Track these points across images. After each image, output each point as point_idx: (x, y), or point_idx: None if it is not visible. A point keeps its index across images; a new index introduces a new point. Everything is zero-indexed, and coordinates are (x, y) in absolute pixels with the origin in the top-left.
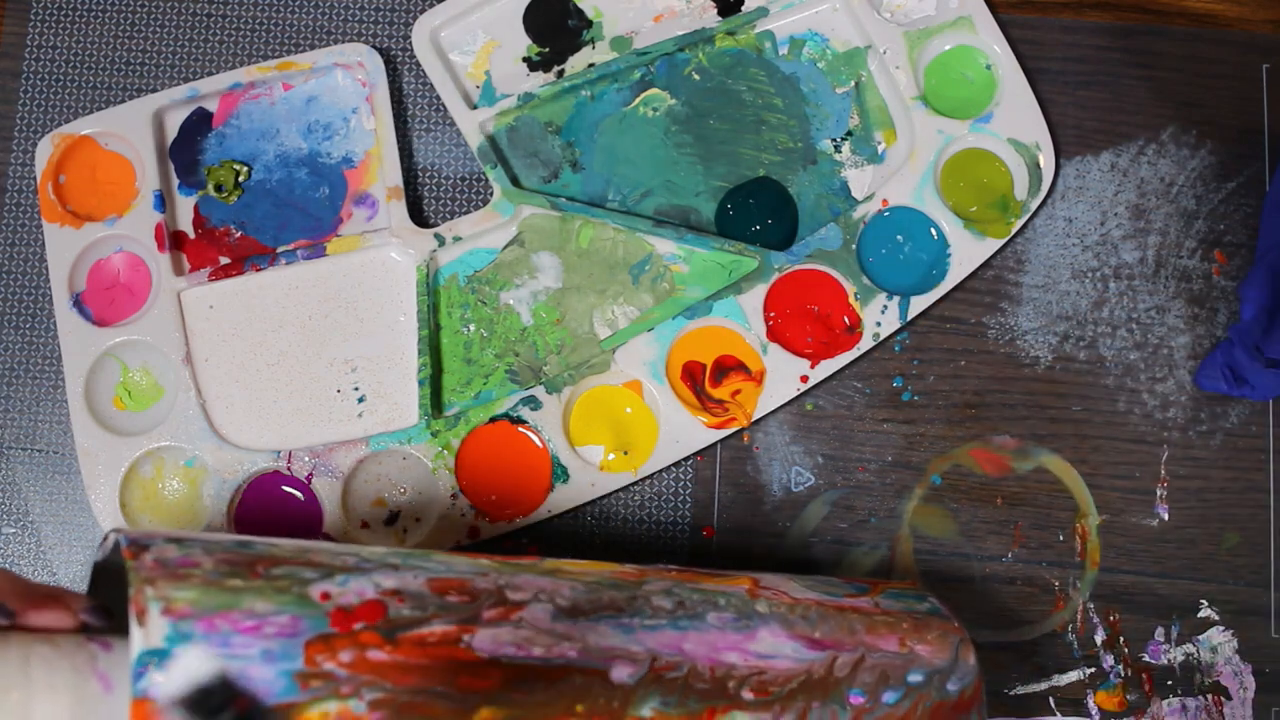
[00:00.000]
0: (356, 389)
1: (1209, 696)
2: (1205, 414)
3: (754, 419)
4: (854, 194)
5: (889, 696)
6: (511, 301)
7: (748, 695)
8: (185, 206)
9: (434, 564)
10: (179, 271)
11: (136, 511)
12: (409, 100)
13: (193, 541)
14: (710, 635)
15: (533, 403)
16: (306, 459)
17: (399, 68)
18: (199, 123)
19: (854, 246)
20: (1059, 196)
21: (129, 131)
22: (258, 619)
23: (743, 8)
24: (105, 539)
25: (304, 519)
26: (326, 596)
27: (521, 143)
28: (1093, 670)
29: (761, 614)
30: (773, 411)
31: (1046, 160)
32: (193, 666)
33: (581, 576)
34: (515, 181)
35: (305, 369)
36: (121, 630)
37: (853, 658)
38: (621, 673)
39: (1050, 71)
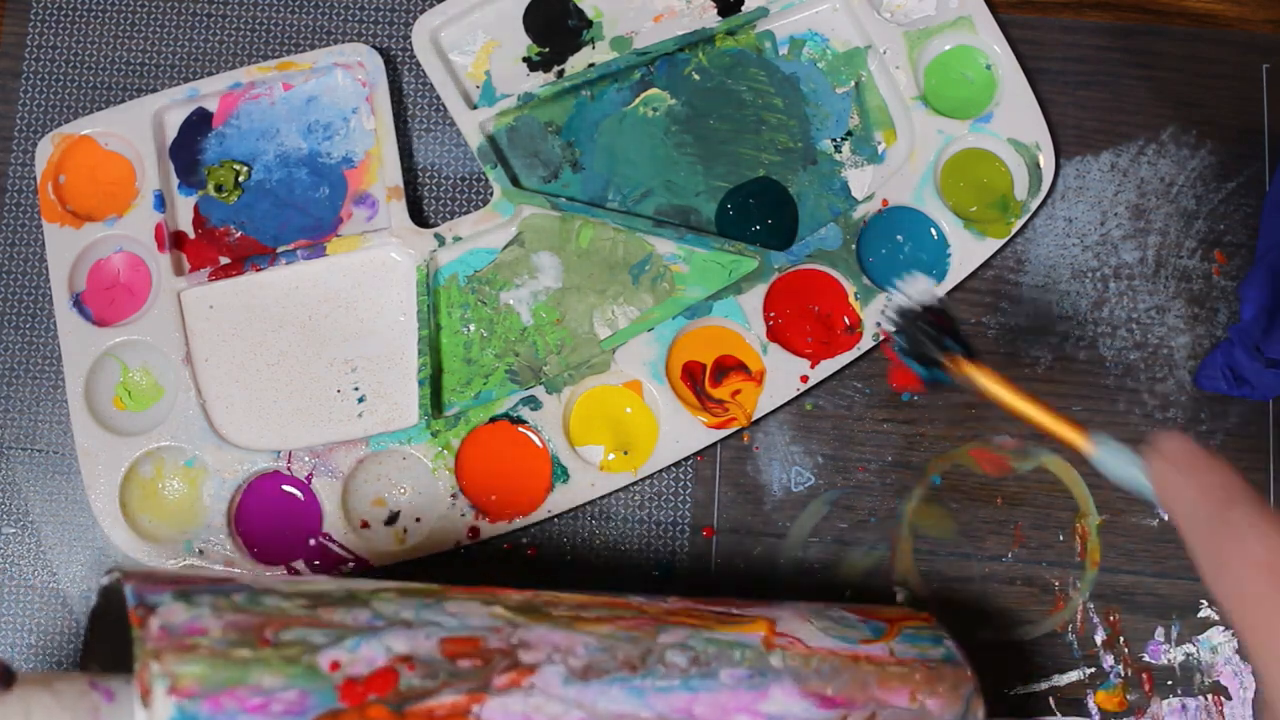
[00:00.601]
0: (356, 389)
1: (1209, 696)
2: (1205, 414)
3: (754, 419)
4: (854, 194)
5: None
6: (511, 301)
7: None
8: (185, 206)
9: (448, 617)
10: (179, 271)
11: (136, 511)
12: (409, 100)
13: (200, 594)
14: (722, 696)
15: (533, 403)
16: (306, 459)
17: (399, 68)
18: (199, 123)
19: (854, 246)
20: (1059, 196)
21: (129, 131)
22: (265, 695)
23: (743, 8)
24: (110, 571)
25: (304, 519)
26: (336, 666)
27: (521, 143)
28: (1093, 670)
29: (775, 669)
30: (773, 411)
31: (1046, 160)
32: None
33: (597, 627)
34: (515, 181)
35: (305, 369)
36: (126, 669)
37: (863, 715)
38: None
39: (1050, 71)
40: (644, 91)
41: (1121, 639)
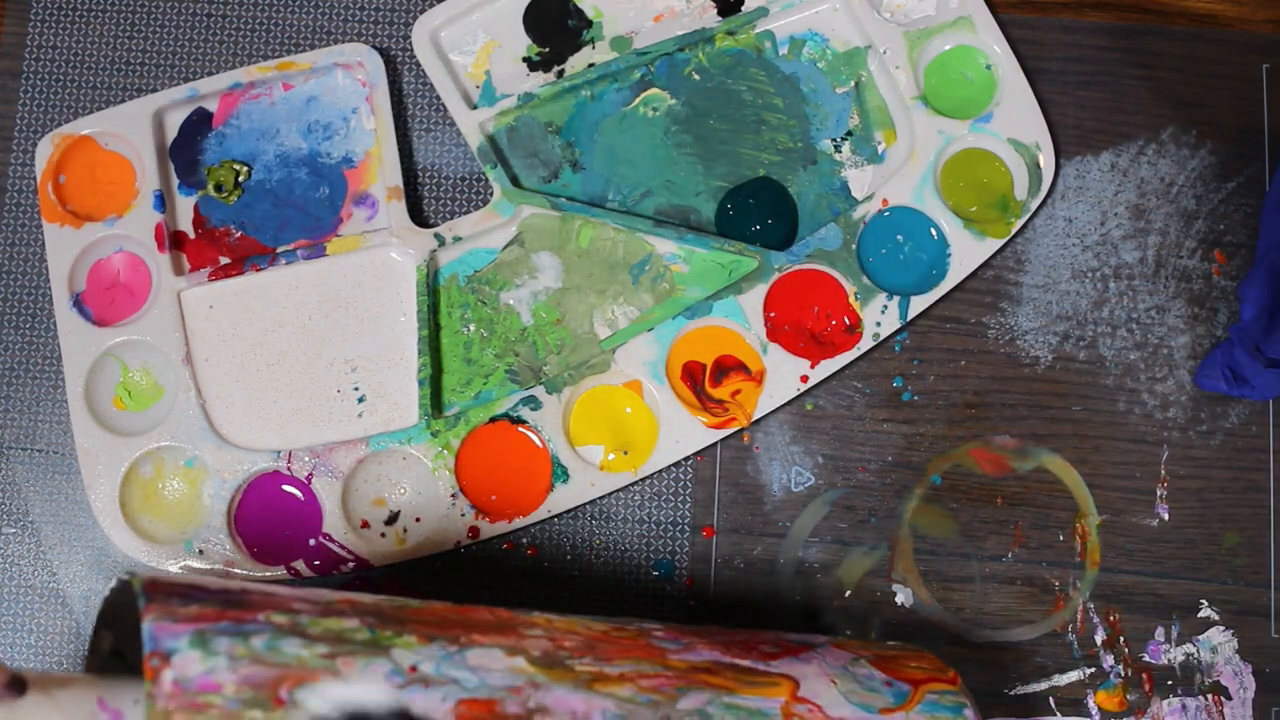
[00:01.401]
0: (356, 389)
1: (1209, 696)
2: (1205, 414)
3: (754, 419)
4: (854, 194)
5: None
6: (511, 301)
7: None
8: (185, 206)
9: (468, 672)
10: (179, 271)
11: (136, 511)
12: (409, 100)
13: (219, 637)
14: None
15: (533, 403)
16: (306, 459)
17: (399, 68)
18: (199, 123)
19: (854, 246)
20: (1059, 196)
21: (129, 131)
22: None
23: (743, 8)
24: (121, 578)
25: (304, 519)
26: None
27: (521, 143)
28: (1093, 670)
29: None
30: (773, 411)
31: (1046, 160)
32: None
33: (618, 688)
34: (515, 181)
35: (305, 369)
36: (135, 672)
37: None
38: None
39: (1050, 71)
40: (644, 91)
41: (1121, 639)
